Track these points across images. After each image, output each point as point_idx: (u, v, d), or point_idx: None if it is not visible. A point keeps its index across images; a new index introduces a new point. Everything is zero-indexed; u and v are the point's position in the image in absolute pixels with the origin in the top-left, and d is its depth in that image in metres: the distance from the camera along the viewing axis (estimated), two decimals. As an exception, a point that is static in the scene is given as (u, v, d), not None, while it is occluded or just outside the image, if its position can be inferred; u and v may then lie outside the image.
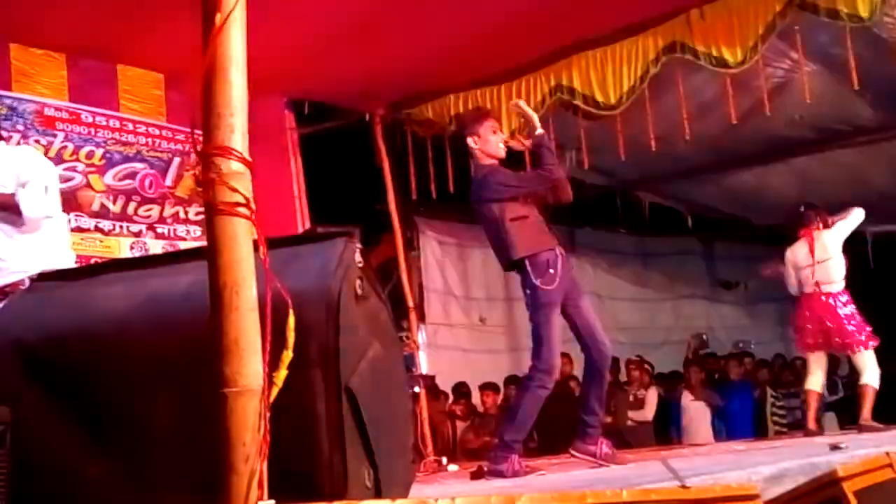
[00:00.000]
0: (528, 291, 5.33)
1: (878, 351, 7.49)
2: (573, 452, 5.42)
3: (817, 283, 7.36)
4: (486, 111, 6.39)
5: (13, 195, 4.60)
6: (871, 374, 7.36)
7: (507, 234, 5.36)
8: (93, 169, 7.74)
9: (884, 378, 11.27)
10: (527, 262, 5.28)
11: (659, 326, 13.39)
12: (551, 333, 5.22)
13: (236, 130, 1.86)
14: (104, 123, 7.84)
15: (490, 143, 5.65)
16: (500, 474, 5.09)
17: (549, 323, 5.23)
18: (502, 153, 5.69)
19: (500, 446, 5.26)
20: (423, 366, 10.15)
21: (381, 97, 9.38)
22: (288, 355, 1.88)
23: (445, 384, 10.76)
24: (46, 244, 4.68)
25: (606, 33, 8.15)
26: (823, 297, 7.34)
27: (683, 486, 2.07)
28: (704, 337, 12.19)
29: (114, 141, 7.87)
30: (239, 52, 1.88)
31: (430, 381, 9.42)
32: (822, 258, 7.35)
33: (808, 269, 7.40)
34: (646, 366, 10.94)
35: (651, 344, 12.58)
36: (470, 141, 5.70)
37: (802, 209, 7.71)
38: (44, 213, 4.67)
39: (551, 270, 5.25)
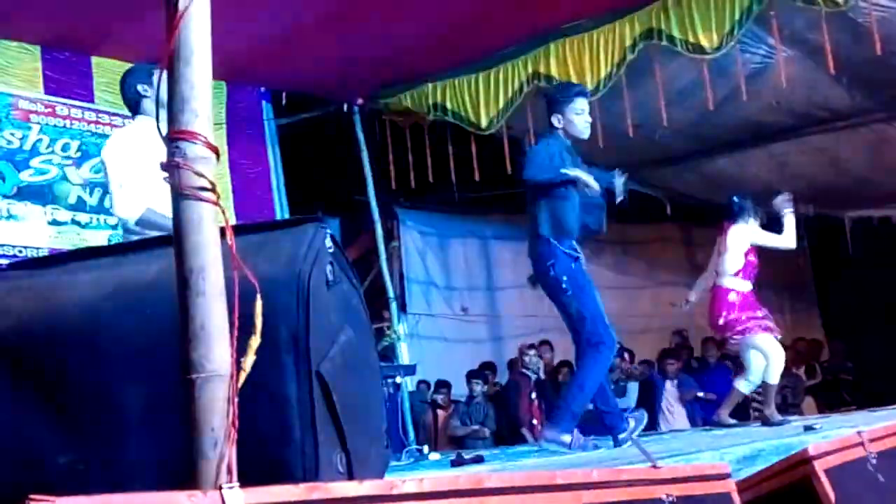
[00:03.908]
0: None
1: (855, 336, 7.33)
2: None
3: (717, 274, 7.05)
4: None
5: None
6: (747, 376, 6.84)
7: None
8: (69, 161, 7.71)
9: (864, 362, 11.44)
10: None
11: (639, 314, 13.39)
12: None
13: (201, 115, 1.84)
14: (80, 116, 7.82)
15: None
16: (562, 444, 5.23)
17: None
18: None
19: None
20: (405, 356, 10.17)
21: (360, 87, 9.39)
22: (256, 340, 1.88)
23: (427, 374, 10.77)
24: None
25: (583, 20, 8.16)
26: (715, 289, 7.00)
27: (654, 466, 2.08)
28: (685, 333, 12.21)
29: (90, 133, 7.84)
30: (203, 36, 1.87)
31: (411, 371, 9.44)
32: (722, 251, 7.00)
33: (715, 259, 7.14)
34: (625, 354, 10.96)
35: (631, 331, 12.58)
36: None
37: (737, 200, 7.22)
38: None
39: None
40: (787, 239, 7.05)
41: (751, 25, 7.49)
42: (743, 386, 6.92)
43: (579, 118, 5.72)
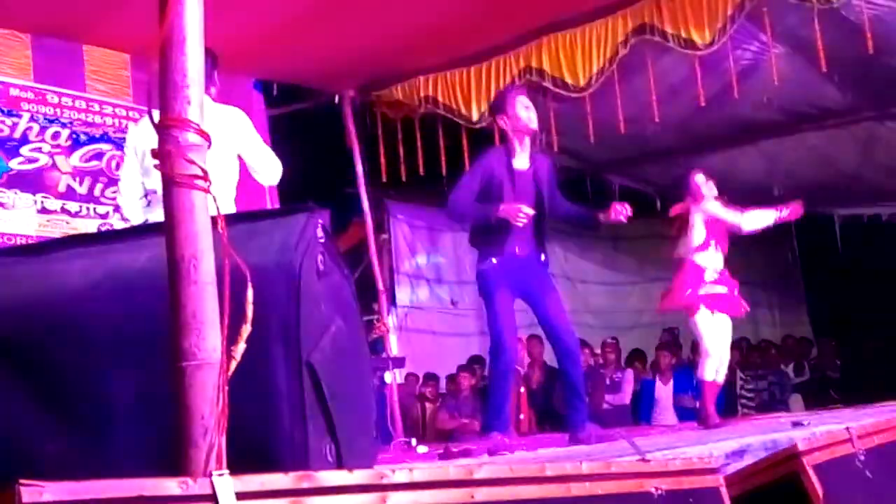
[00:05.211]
0: None
1: (843, 333, 7.27)
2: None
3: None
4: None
5: None
6: (703, 364, 6.51)
7: None
8: (59, 150, 7.66)
9: (852, 359, 11.46)
10: None
11: (629, 309, 13.40)
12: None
13: (193, 102, 1.84)
14: (70, 104, 7.76)
15: None
16: (468, 452, 5.10)
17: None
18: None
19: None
20: (394, 349, 10.16)
21: (351, 79, 9.35)
22: (247, 329, 1.87)
23: (416, 367, 10.77)
24: None
25: (576, 15, 8.15)
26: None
27: (643, 460, 2.08)
28: (675, 331, 12.22)
29: (80, 122, 7.79)
30: (196, 24, 1.86)
31: (400, 364, 9.44)
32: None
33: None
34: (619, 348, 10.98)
35: (621, 327, 12.63)
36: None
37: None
38: None
39: None
40: (747, 220, 6.70)
41: (743, 21, 7.49)
42: (708, 373, 6.50)
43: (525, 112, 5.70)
